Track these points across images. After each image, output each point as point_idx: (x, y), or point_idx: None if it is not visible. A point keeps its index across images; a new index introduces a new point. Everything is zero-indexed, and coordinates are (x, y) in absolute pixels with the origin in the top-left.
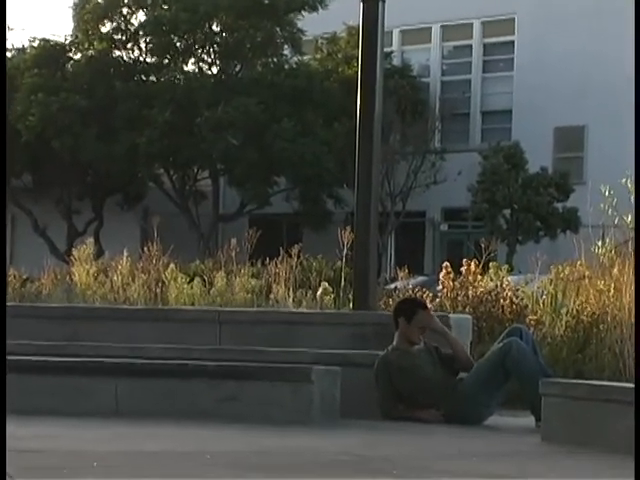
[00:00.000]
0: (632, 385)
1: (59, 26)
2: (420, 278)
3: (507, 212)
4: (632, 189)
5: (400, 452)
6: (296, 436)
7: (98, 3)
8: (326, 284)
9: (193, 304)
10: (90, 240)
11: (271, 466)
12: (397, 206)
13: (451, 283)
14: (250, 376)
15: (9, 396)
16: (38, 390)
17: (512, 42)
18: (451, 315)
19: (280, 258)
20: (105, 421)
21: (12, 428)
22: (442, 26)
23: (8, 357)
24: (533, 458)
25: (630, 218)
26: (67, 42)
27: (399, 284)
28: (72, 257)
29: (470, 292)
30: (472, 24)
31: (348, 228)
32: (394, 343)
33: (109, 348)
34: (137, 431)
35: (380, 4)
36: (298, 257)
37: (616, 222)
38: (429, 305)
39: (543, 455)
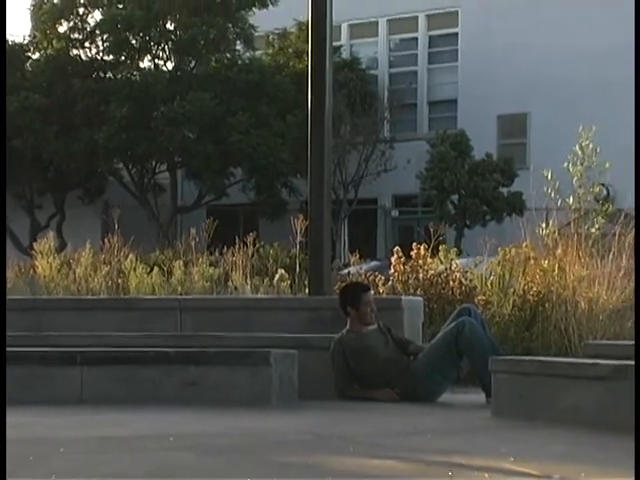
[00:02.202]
0: (577, 360)
1: (17, 26)
2: (373, 263)
3: (455, 198)
4: (574, 172)
5: (357, 430)
6: (256, 418)
7: (54, 4)
8: (282, 271)
9: (154, 293)
10: (52, 234)
11: (232, 447)
12: (349, 194)
13: (402, 267)
14: (210, 361)
15: None
16: (20, 378)
17: (456, 34)
18: (403, 297)
19: (237, 247)
20: (70, 408)
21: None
22: (388, 20)
23: None
24: (484, 433)
25: (572, 200)
26: (26, 42)
27: (352, 269)
28: (35, 250)
29: (421, 275)
30: (417, 17)
31: (302, 216)
32: (348, 326)
33: (73, 337)
34: (102, 417)
35: (328, 0)
36: (254, 245)
37: (559, 204)
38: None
39: (493, 429)
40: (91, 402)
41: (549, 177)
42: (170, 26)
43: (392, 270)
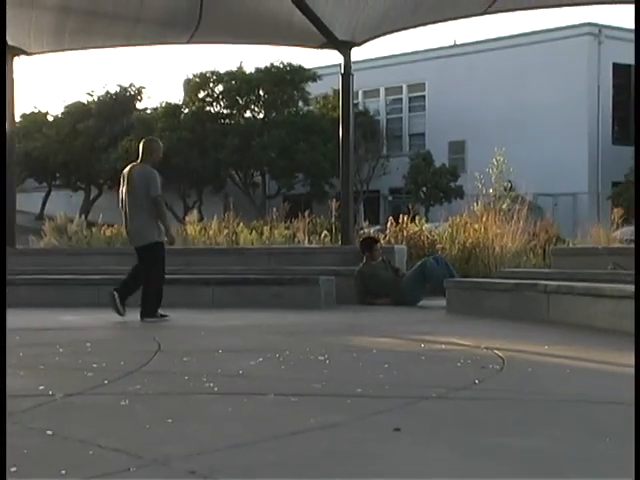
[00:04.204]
0: (494, 280)
1: (175, 93)
2: (377, 227)
3: (424, 189)
4: (492, 173)
5: (368, 322)
6: (312, 315)
7: (197, 82)
8: (326, 231)
9: (253, 244)
10: (195, 212)
11: (299, 332)
12: (364, 187)
13: (393, 228)
14: (285, 283)
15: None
16: (178, 293)
17: (424, 96)
18: (395, 246)
19: (300, 219)
20: (207, 310)
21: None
22: (385, 88)
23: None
24: (442, 322)
25: (491, 190)
26: (180, 102)
27: (366, 230)
28: (186, 221)
29: (405, 233)
30: (402, 86)
31: (335, 201)
32: (364, 261)
33: (208, 270)
34: (224, 315)
35: (350, 78)
36: (310, 218)
37: (483, 193)
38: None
39: (448, 320)
40: (218, 307)
41: (478, 177)
42: (261, 92)
43: (387, 230)
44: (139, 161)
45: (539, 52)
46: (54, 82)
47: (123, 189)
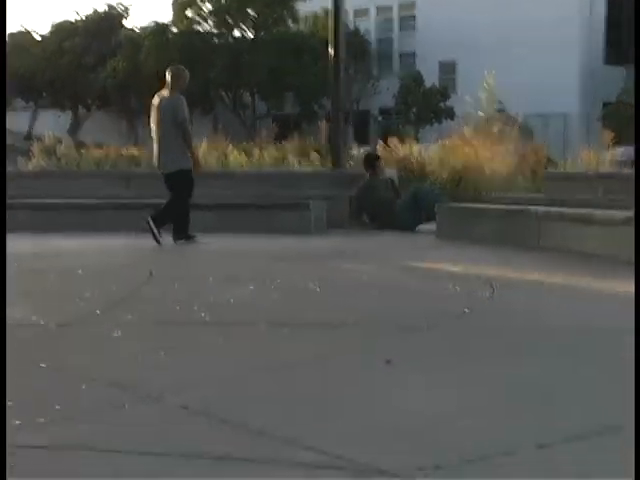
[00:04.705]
0: (484, 205)
1: (164, 12)
2: (366, 147)
3: (414, 109)
4: (484, 96)
5: (360, 247)
6: (303, 240)
7: (185, 0)
8: (316, 153)
9: (242, 167)
10: None
11: (291, 256)
12: (354, 107)
13: (384, 151)
14: (277, 207)
15: None
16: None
17: (414, 16)
18: (386, 169)
19: (290, 140)
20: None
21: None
22: (376, 7)
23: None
24: (433, 247)
25: (482, 114)
26: (169, 22)
27: (355, 150)
28: None
29: (395, 155)
30: (392, 6)
31: (325, 122)
32: (368, 177)
33: (198, 194)
34: (216, 240)
35: None
36: (299, 139)
37: (474, 115)
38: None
39: (438, 246)
40: (209, 232)
41: (469, 99)
42: (251, 11)
43: (379, 152)
44: (166, 90)
45: None
46: (41, 1)
47: (153, 118)
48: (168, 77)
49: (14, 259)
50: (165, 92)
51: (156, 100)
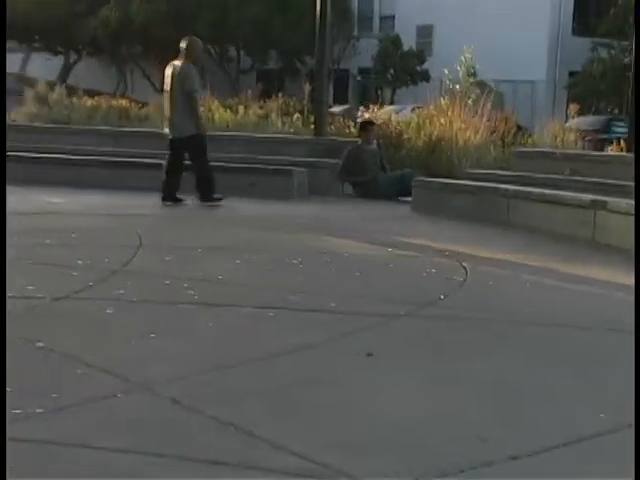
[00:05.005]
0: (460, 182)
1: None
2: (345, 106)
3: (392, 71)
4: (462, 68)
5: (339, 216)
6: (286, 207)
7: None
8: (298, 114)
9: (227, 127)
10: None
11: (274, 226)
12: (334, 66)
13: (364, 114)
14: (260, 172)
15: None
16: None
17: None
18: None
19: (273, 99)
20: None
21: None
22: None
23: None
24: (408, 221)
25: (458, 87)
26: None
27: (335, 109)
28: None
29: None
30: None
31: (307, 84)
32: (360, 142)
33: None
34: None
35: None
36: (282, 97)
37: (450, 87)
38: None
39: (414, 218)
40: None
41: (446, 72)
42: None
43: (359, 113)
44: (180, 59)
45: None
46: None
47: (166, 86)
48: (182, 47)
49: (16, 218)
50: (178, 61)
51: (169, 69)
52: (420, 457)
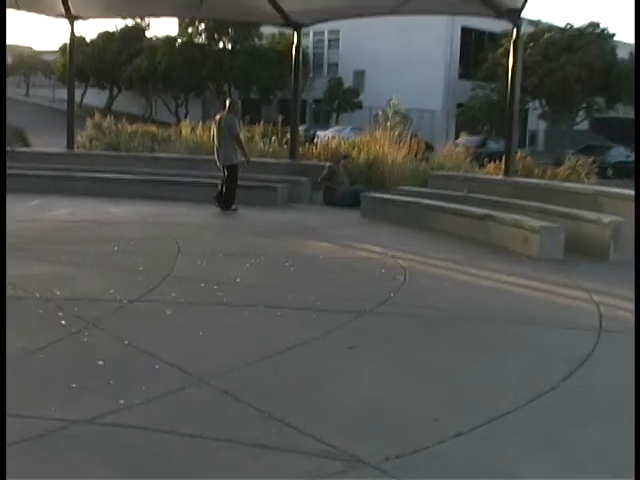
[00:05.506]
0: (392, 196)
1: (171, 27)
2: (304, 126)
3: (337, 102)
4: (390, 110)
5: (312, 223)
6: (273, 214)
7: (186, 21)
8: (275, 137)
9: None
10: (188, 120)
11: (267, 233)
12: None
13: (321, 146)
14: (253, 187)
15: None
16: (183, 192)
17: (338, 38)
18: (326, 163)
19: (256, 125)
20: (198, 207)
21: (186, 209)
22: (313, 32)
23: None
24: (361, 226)
25: (388, 123)
26: (175, 35)
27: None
28: (181, 125)
29: (329, 147)
30: (324, 31)
31: (279, 115)
32: (340, 163)
33: (199, 174)
34: (212, 212)
35: (300, 49)
36: (262, 123)
37: (380, 117)
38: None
39: (365, 224)
40: (205, 203)
41: (380, 113)
42: (230, 30)
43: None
44: (226, 111)
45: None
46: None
47: (214, 129)
48: (228, 104)
49: (89, 226)
50: (223, 113)
51: (218, 117)
52: (400, 437)
